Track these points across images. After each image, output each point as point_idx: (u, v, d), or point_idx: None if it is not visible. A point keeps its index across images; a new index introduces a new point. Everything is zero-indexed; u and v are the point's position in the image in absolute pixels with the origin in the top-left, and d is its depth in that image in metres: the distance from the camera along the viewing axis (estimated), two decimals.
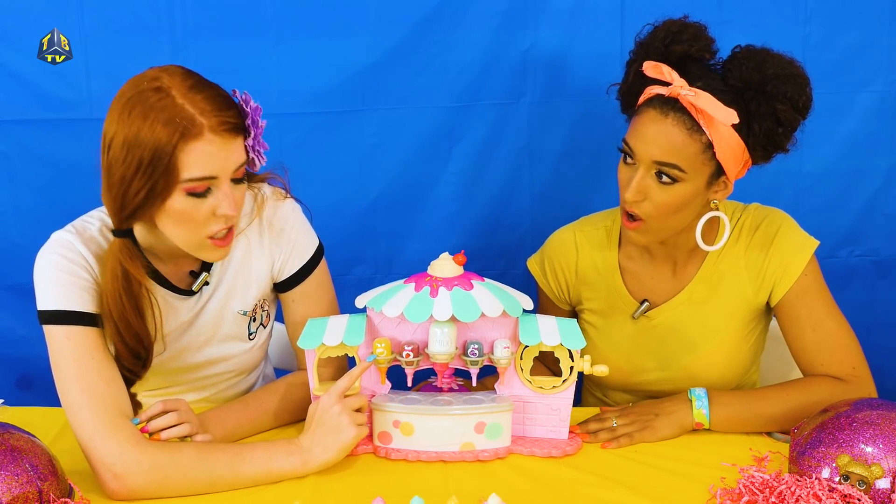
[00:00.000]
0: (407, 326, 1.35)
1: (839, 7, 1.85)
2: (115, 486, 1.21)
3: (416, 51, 1.86)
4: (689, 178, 1.35)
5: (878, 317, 2.01)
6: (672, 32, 1.38)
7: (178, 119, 1.18)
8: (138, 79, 1.24)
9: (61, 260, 1.28)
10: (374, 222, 1.97)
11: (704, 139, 1.34)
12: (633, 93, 1.43)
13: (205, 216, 1.24)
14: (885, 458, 1.13)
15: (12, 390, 2.04)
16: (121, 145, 1.19)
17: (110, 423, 1.22)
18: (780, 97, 1.33)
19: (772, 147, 1.38)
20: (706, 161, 1.35)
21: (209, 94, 1.22)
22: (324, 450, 1.27)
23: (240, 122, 1.24)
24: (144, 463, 1.21)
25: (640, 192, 1.37)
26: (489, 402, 1.33)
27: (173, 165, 1.19)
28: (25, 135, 1.89)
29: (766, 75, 1.33)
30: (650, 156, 1.35)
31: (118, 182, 1.21)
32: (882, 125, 1.91)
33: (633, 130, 1.39)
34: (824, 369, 1.42)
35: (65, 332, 1.26)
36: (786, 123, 1.35)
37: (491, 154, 1.94)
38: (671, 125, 1.34)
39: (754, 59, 1.35)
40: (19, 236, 1.95)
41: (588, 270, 1.56)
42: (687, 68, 1.37)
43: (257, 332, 1.48)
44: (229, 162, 1.23)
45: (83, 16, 1.83)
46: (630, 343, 1.53)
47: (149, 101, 1.19)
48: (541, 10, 1.85)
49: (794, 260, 1.44)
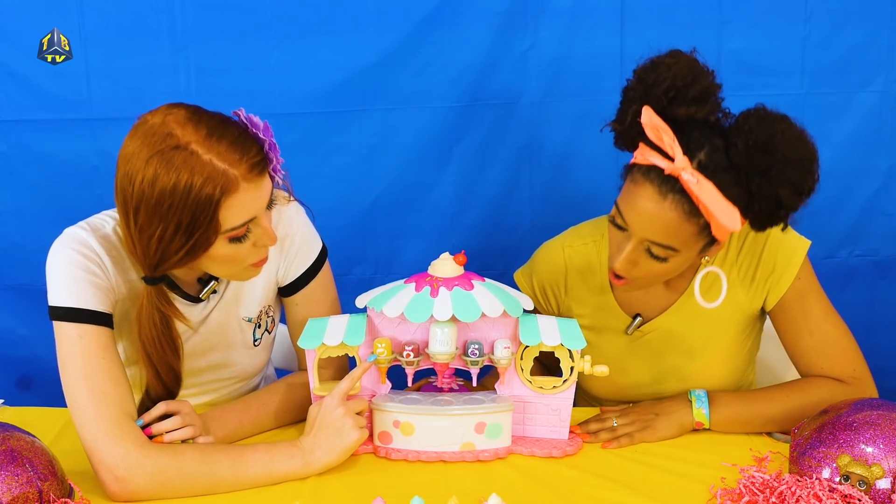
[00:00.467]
0: (407, 326, 1.35)
1: (839, 7, 1.85)
2: (117, 489, 1.20)
3: (416, 51, 1.86)
4: (682, 254, 1.31)
5: (878, 317, 2.01)
6: (677, 86, 1.26)
7: (212, 178, 1.16)
8: (147, 134, 1.18)
9: (77, 256, 1.26)
10: (374, 222, 1.97)
11: (702, 222, 1.27)
12: (630, 137, 1.34)
13: (247, 252, 1.26)
14: (886, 459, 1.13)
15: (12, 390, 2.04)
16: (152, 209, 1.17)
17: (115, 425, 1.21)
18: (785, 182, 1.24)
19: (769, 224, 1.31)
20: (701, 238, 1.31)
21: (229, 138, 1.19)
22: (326, 452, 1.27)
23: (262, 157, 1.22)
24: (147, 466, 1.20)
25: (630, 263, 1.33)
26: (489, 402, 1.33)
27: (215, 221, 1.18)
28: (25, 135, 1.89)
29: (773, 158, 1.24)
30: (643, 234, 1.30)
31: (155, 244, 1.19)
32: (882, 125, 1.91)
33: (627, 202, 1.31)
34: (824, 372, 1.41)
35: (77, 331, 1.24)
36: (787, 206, 1.27)
37: (491, 154, 1.94)
38: (668, 209, 1.26)
39: (763, 134, 1.24)
40: (19, 236, 1.95)
41: (577, 287, 1.54)
42: (689, 133, 1.27)
43: (262, 338, 1.48)
44: (263, 200, 1.23)
45: (83, 16, 1.83)
46: (624, 357, 1.51)
47: (173, 162, 1.15)
48: (541, 10, 1.85)
49: (786, 264, 1.42)
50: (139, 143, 1.18)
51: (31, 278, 1.96)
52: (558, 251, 1.56)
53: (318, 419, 1.28)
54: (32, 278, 1.96)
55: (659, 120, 1.27)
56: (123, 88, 1.86)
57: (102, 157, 1.89)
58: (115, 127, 1.85)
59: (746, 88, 1.87)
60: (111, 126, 1.87)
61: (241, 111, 1.24)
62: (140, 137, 1.18)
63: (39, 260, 1.71)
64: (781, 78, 1.88)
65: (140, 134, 1.19)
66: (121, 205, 1.21)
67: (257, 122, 1.23)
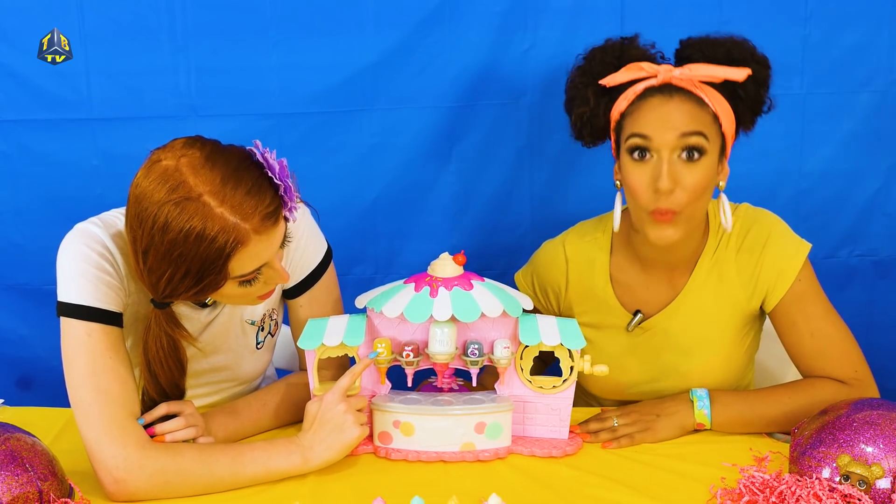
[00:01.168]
0: (407, 326, 1.35)
1: (839, 7, 1.85)
2: (115, 489, 1.21)
3: (416, 51, 1.86)
4: (710, 150, 1.34)
5: (878, 317, 2.01)
6: (617, 46, 1.41)
7: (224, 231, 1.13)
8: (159, 177, 1.15)
9: (90, 252, 1.25)
10: (374, 222, 1.97)
11: (710, 111, 1.35)
12: (600, 115, 1.41)
13: (256, 291, 1.25)
14: (886, 458, 1.13)
15: (12, 390, 2.04)
16: (161, 256, 1.15)
17: (118, 426, 1.21)
18: (748, 60, 1.36)
19: (757, 108, 1.40)
20: (716, 133, 1.36)
21: (244, 188, 1.15)
22: (326, 448, 1.26)
23: (277, 205, 1.19)
24: (147, 467, 1.20)
25: (673, 178, 1.32)
26: (489, 402, 1.33)
27: (224, 272, 1.17)
28: (25, 135, 1.89)
29: (726, 47, 1.37)
30: (673, 134, 1.32)
31: (164, 282, 1.18)
32: (882, 125, 1.91)
33: (642, 121, 1.35)
34: (825, 373, 1.41)
35: (85, 328, 1.23)
36: (762, 81, 1.38)
37: (491, 154, 1.94)
38: (679, 102, 1.34)
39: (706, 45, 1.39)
40: (19, 236, 1.95)
41: (578, 285, 1.54)
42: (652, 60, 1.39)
43: (265, 341, 1.48)
44: (275, 247, 1.21)
45: (83, 16, 1.83)
46: (625, 355, 1.50)
47: (185, 211, 1.13)
48: (541, 10, 1.85)
49: (787, 266, 1.42)
50: (152, 185, 1.15)
51: (31, 278, 1.96)
52: (559, 249, 1.56)
53: (318, 415, 1.28)
54: (33, 278, 1.95)
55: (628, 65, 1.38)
56: (123, 88, 1.86)
57: (102, 157, 1.89)
58: (115, 127, 1.87)
59: None
60: (111, 126, 1.87)
61: (257, 145, 1.21)
62: (153, 179, 1.15)
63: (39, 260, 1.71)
64: (781, 78, 1.86)
65: (153, 175, 1.15)
66: (130, 241, 1.19)
67: (273, 165, 1.19)
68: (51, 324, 1.31)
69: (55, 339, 1.30)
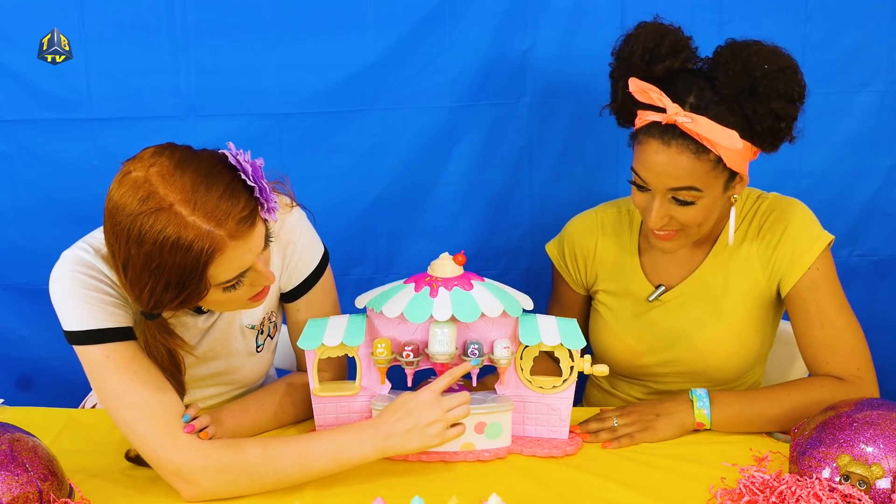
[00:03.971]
0: (407, 326, 1.35)
1: (839, 7, 1.85)
2: (189, 492, 1.22)
3: (416, 51, 1.86)
4: (706, 193, 1.36)
5: (878, 317, 2.01)
6: (648, 49, 1.36)
7: (198, 239, 1.11)
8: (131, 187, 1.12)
9: (84, 278, 1.24)
10: (374, 222, 1.97)
11: (712, 156, 1.34)
12: (627, 111, 1.42)
13: (244, 294, 1.24)
14: (886, 458, 1.13)
15: (12, 390, 2.04)
16: (140, 268, 1.13)
17: (165, 433, 1.21)
18: (775, 95, 1.32)
19: (778, 141, 1.37)
20: (719, 174, 1.36)
21: (216, 193, 1.12)
22: (402, 442, 1.23)
23: (253, 207, 1.16)
24: (209, 468, 1.21)
25: (663, 216, 1.39)
26: (489, 402, 1.33)
27: (205, 280, 1.15)
28: (25, 135, 1.89)
29: (754, 77, 1.31)
30: (664, 185, 1.36)
31: (147, 294, 1.15)
32: (882, 125, 1.91)
33: (639, 161, 1.38)
34: (829, 368, 1.42)
35: (101, 351, 1.23)
36: (786, 118, 1.34)
37: (491, 154, 1.94)
38: (676, 153, 1.33)
39: (739, 61, 1.32)
40: (19, 236, 1.95)
41: (607, 252, 1.58)
42: (674, 84, 1.35)
43: (264, 344, 1.48)
44: (255, 251, 1.19)
45: (83, 16, 1.83)
46: (642, 323, 1.55)
47: (157, 223, 1.10)
48: (541, 10, 1.85)
49: (804, 252, 1.44)
50: (124, 197, 1.13)
51: (31, 278, 1.96)
52: (592, 215, 1.62)
53: (408, 407, 1.25)
54: (32, 278, 1.96)
55: (644, 83, 1.35)
56: (123, 88, 1.86)
57: (102, 157, 1.89)
58: (115, 127, 1.87)
59: None
60: (111, 126, 1.87)
61: (230, 147, 1.18)
62: (124, 192, 1.13)
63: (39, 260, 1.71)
64: None
65: (124, 188, 1.13)
66: (110, 255, 1.18)
67: (246, 167, 1.16)
68: (51, 324, 1.31)
69: (55, 339, 1.30)
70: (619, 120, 1.46)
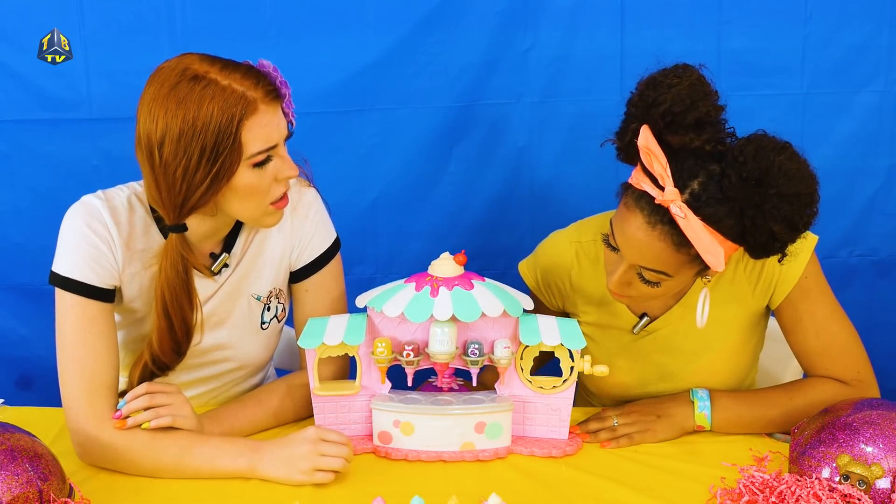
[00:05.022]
0: (407, 326, 1.35)
1: (839, 7, 1.85)
2: (79, 451, 1.30)
3: (416, 51, 1.86)
4: (675, 279, 1.31)
5: (878, 317, 2.01)
6: (673, 113, 1.21)
7: (232, 99, 1.21)
8: (164, 74, 1.24)
9: (86, 229, 1.30)
10: (374, 222, 1.97)
11: (693, 252, 1.25)
12: (630, 153, 1.31)
13: (269, 184, 1.28)
14: (886, 458, 1.13)
15: (12, 390, 2.04)
16: (176, 139, 1.20)
17: (86, 397, 1.28)
18: (779, 218, 1.20)
19: (765, 255, 1.27)
20: (694, 266, 1.29)
21: (243, 69, 1.25)
22: (273, 469, 1.26)
23: (276, 87, 1.28)
24: (101, 441, 1.28)
25: (624, 284, 1.33)
26: (489, 402, 1.33)
27: (238, 144, 1.22)
28: (25, 135, 1.89)
29: (767, 194, 1.19)
30: (634, 260, 1.29)
31: (180, 177, 1.22)
32: (882, 125, 1.91)
33: (619, 227, 1.30)
34: (828, 373, 1.40)
35: (71, 301, 1.29)
36: (782, 241, 1.24)
37: (491, 154, 1.94)
38: (657, 238, 1.25)
39: (757, 169, 1.19)
40: (19, 236, 1.95)
41: (585, 284, 1.51)
42: (682, 159, 1.24)
43: (270, 322, 1.48)
44: (282, 127, 1.28)
45: (83, 16, 1.83)
46: (629, 356, 1.49)
47: (194, 91, 1.21)
48: (541, 10, 1.85)
49: (792, 261, 1.38)
50: (158, 84, 1.23)
51: (31, 278, 1.96)
52: (566, 246, 1.52)
53: (290, 437, 1.27)
54: (32, 278, 1.96)
55: (654, 144, 1.24)
56: (123, 88, 1.86)
57: (102, 157, 1.89)
58: (115, 127, 1.87)
59: (746, 88, 1.87)
60: (111, 126, 1.87)
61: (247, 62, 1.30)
62: (158, 80, 1.23)
63: (39, 260, 1.71)
64: (781, 78, 1.88)
65: (158, 77, 1.24)
66: (145, 150, 1.24)
67: (266, 64, 1.30)
68: (51, 324, 1.31)
69: (55, 340, 1.30)
70: (620, 156, 1.34)
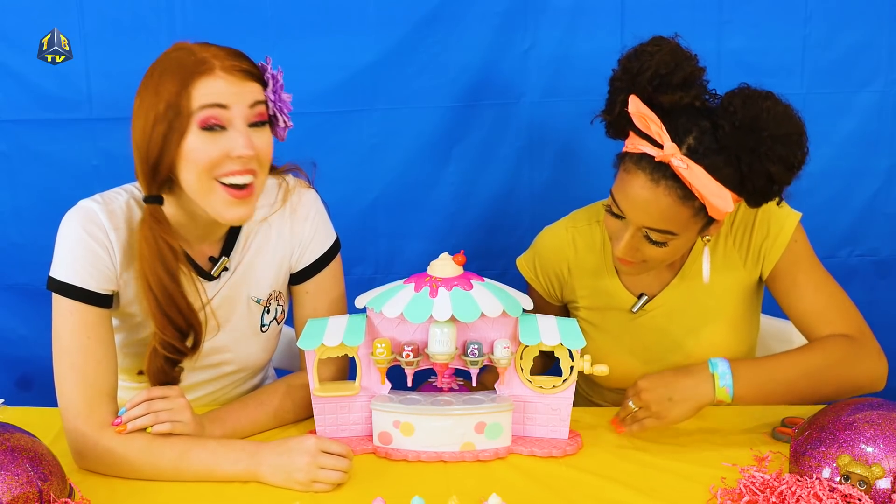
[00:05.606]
0: (407, 326, 1.35)
1: (839, 7, 1.85)
2: (77, 457, 1.30)
3: (416, 51, 1.86)
4: (680, 237, 1.34)
5: (878, 317, 1.99)
6: (660, 75, 1.28)
7: (190, 61, 1.25)
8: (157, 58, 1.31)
9: (84, 234, 1.30)
10: (374, 222, 1.97)
11: (697, 204, 1.30)
12: (620, 126, 1.36)
13: (219, 156, 1.26)
14: (886, 458, 1.13)
15: (12, 390, 2.04)
16: (139, 105, 1.27)
17: (86, 403, 1.28)
18: (775, 159, 1.26)
19: (765, 201, 1.33)
20: (699, 220, 1.33)
21: (224, 48, 1.29)
22: (271, 474, 1.25)
23: (254, 71, 1.29)
24: (99, 447, 1.27)
25: (632, 249, 1.36)
26: (489, 402, 1.33)
27: (187, 99, 1.23)
28: (25, 135, 1.89)
29: (760, 137, 1.25)
30: (640, 222, 1.33)
31: (140, 137, 1.26)
32: (882, 125, 1.91)
33: (621, 191, 1.34)
34: (832, 329, 1.40)
35: (69, 306, 1.29)
36: (779, 182, 1.29)
37: (491, 154, 1.94)
38: (662, 194, 1.29)
39: (749, 115, 1.26)
40: (19, 236, 1.95)
41: (582, 269, 1.55)
42: (675, 118, 1.29)
43: (270, 325, 1.48)
44: (242, 97, 1.26)
45: (83, 16, 1.83)
46: (630, 336, 1.52)
47: (167, 60, 1.27)
48: (541, 10, 1.85)
49: (780, 229, 1.43)
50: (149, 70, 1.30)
51: (31, 278, 1.96)
52: (562, 233, 1.57)
53: (290, 445, 1.26)
54: (32, 278, 1.95)
55: (645, 108, 1.29)
56: (123, 88, 1.83)
57: (102, 157, 1.89)
58: (115, 127, 1.86)
59: None
60: (111, 126, 1.87)
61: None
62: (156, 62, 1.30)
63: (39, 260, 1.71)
64: (781, 78, 1.88)
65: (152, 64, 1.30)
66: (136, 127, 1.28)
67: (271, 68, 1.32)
68: (51, 324, 1.31)
69: None
70: (609, 132, 1.39)
